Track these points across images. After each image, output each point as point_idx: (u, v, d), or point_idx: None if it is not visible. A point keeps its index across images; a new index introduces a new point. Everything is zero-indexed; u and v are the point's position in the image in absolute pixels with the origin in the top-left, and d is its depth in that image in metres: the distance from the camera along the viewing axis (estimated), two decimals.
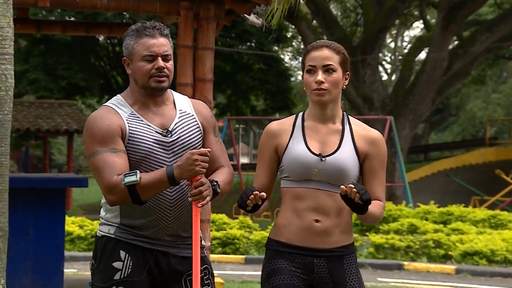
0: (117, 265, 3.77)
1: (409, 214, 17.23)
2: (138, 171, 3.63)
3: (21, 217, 7.33)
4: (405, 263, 14.09)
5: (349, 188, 3.56)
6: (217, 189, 3.71)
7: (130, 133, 3.74)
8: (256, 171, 3.92)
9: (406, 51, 40.72)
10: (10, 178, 4.26)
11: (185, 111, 3.86)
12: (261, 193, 3.65)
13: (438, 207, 17.74)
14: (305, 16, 26.83)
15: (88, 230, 14.61)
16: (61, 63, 28.63)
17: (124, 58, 3.84)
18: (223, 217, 15.83)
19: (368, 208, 3.64)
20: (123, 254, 3.77)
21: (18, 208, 7.08)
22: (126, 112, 3.78)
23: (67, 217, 14.43)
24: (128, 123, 3.75)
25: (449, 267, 13.89)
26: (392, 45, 47.51)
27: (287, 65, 39.49)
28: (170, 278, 3.79)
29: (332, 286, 3.77)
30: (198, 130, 3.85)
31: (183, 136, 3.80)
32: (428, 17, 35.96)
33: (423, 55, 33.31)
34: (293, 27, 30.67)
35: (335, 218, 3.76)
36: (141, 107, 3.80)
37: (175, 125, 3.80)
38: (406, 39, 49.55)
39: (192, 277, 3.76)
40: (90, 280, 3.91)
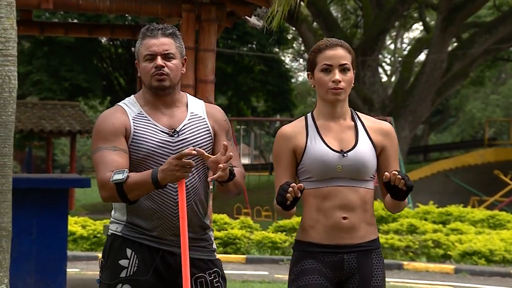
0: (123, 262, 3.76)
1: (408, 214, 17.22)
2: (126, 170, 3.63)
3: (24, 217, 7.34)
4: (405, 262, 14.08)
5: (393, 175, 3.57)
6: (232, 170, 3.66)
7: (134, 132, 3.75)
8: (275, 178, 3.83)
9: (405, 52, 40.75)
10: (13, 178, 4.26)
11: (197, 113, 3.84)
12: (299, 184, 3.57)
13: (437, 207, 17.72)
14: (305, 18, 26.83)
15: (90, 230, 14.61)
16: (64, 65, 28.64)
17: (135, 61, 3.87)
18: (224, 217, 15.83)
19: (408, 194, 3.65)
20: (129, 252, 3.77)
21: (21, 208, 7.09)
22: (134, 111, 3.79)
23: (70, 217, 14.42)
24: (133, 122, 3.76)
25: (448, 267, 13.88)
26: (392, 46, 47.50)
27: (288, 66, 39.50)
28: (178, 278, 3.73)
29: (358, 279, 3.76)
30: (207, 132, 3.83)
31: (190, 137, 3.78)
32: (427, 19, 35.95)
33: (422, 57, 33.30)
34: (294, 29, 30.68)
35: (361, 212, 3.75)
36: (151, 107, 3.81)
37: (184, 126, 3.79)
38: (405, 40, 49.56)
39: (202, 280, 3.78)
40: (92, 279, 3.91)
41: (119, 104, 3.86)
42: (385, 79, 44.17)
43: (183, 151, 3.54)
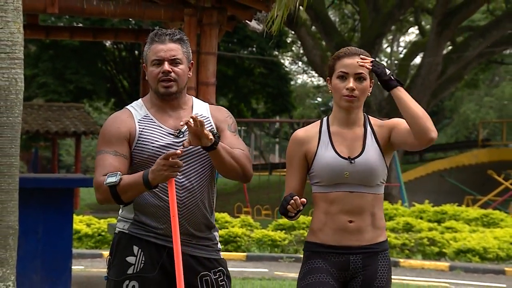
0: (130, 259, 3.76)
1: (404, 213, 17.22)
2: (119, 173, 3.64)
3: (31, 216, 7.34)
4: (401, 260, 14.08)
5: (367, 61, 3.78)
6: (216, 133, 3.63)
7: (139, 134, 3.75)
8: (286, 179, 3.91)
9: (402, 56, 40.68)
10: (20, 178, 4.26)
11: (201, 114, 3.84)
12: (302, 199, 3.63)
13: (432, 206, 17.72)
14: (304, 22, 26.82)
15: (95, 228, 14.61)
16: (69, 68, 28.63)
17: (143, 64, 3.87)
18: (225, 216, 15.83)
19: (393, 83, 3.78)
20: (136, 249, 3.77)
21: (27, 207, 7.09)
22: (140, 114, 3.80)
23: (74, 216, 14.41)
24: (139, 125, 3.77)
25: (443, 264, 13.88)
26: (388, 50, 47.45)
27: (287, 69, 39.47)
28: (185, 275, 3.71)
29: (362, 278, 3.80)
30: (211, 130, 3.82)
31: None
32: (423, 23, 35.92)
33: (418, 60, 33.26)
34: (293, 32, 30.64)
35: (368, 216, 3.79)
36: (157, 110, 3.81)
37: None
38: (402, 44, 49.53)
39: (207, 278, 3.79)
40: (97, 276, 3.91)
41: (126, 107, 3.87)
42: None
43: (169, 152, 3.57)
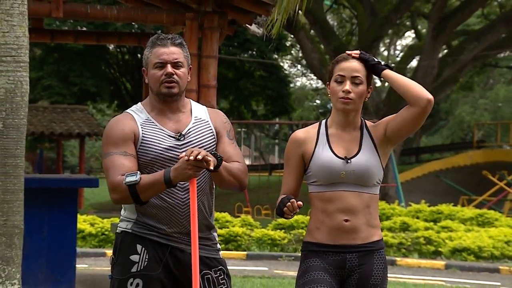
0: (134, 258, 3.77)
1: (401, 212, 17.21)
2: (139, 172, 3.65)
3: (36, 215, 7.33)
4: (398, 259, 14.07)
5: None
6: (219, 156, 3.65)
7: (143, 137, 3.76)
8: (283, 177, 3.94)
9: (398, 59, 40.72)
10: (25, 178, 4.26)
11: (201, 117, 3.87)
12: (298, 202, 3.68)
13: (428, 206, 17.71)
14: (303, 26, 26.83)
15: (98, 227, 14.59)
16: (73, 70, 28.62)
17: (143, 68, 3.88)
18: (226, 216, 15.82)
19: (380, 66, 3.83)
20: (139, 247, 3.77)
21: (33, 207, 7.08)
22: (142, 117, 3.81)
23: (79, 216, 14.38)
24: (142, 128, 3.78)
25: (439, 263, 13.87)
26: (385, 53, 47.45)
27: (287, 72, 39.47)
28: (187, 273, 3.74)
29: (358, 276, 3.81)
30: (211, 134, 3.85)
31: (196, 139, 3.80)
32: (419, 27, 35.93)
33: (414, 63, 33.29)
34: (292, 36, 30.66)
35: (363, 215, 3.81)
36: (157, 113, 3.83)
37: (189, 129, 3.81)
38: (398, 47, 49.51)
39: (209, 276, 3.79)
40: (100, 274, 3.91)
41: (127, 111, 3.88)
42: (379, 84, 44.15)
43: (194, 150, 3.56)
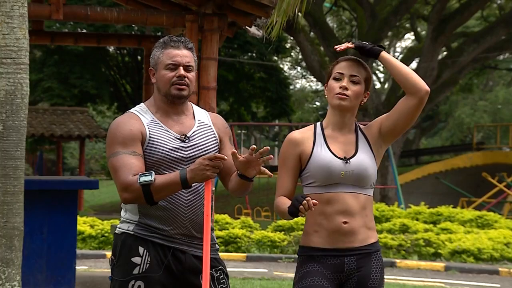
0: (135, 260, 3.77)
1: (401, 214, 17.21)
2: (153, 172, 3.66)
3: (36, 217, 7.34)
4: (397, 261, 14.07)
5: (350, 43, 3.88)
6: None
7: (150, 137, 3.77)
8: (278, 178, 3.91)
9: None
10: (25, 180, 4.26)
11: (203, 121, 3.90)
12: (313, 201, 3.62)
13: (428, 208, 17.71)
14: (303, 28, 26.83)
15: (98, 229, 14.60)
16: (73, 72, 28.62)
17: (150, 68, 3.88)
18: (225, 217, 15.82)
19: (377, 48, 3.88)
20: (141, 249, 3.77)
21: (33, 208, 7.09)
22: (147, 118, 3.82)
23: (78, 217, 14.42)
24: (148, 128, 3.78)
25: (439, 265, 13.87)
26: None
27: (286, 74, 39.49)
28: (188, 274, 3.77)
29: (356, 280, 3.81)
30: (214, 138, 3.89)
31: (200, 142, 3.83)
32: (418, 29, 35.94)
33: (414, 65, 33.28)
34: (292, 38, 30.66)
35: (361, 217, 3.81)
36: (162, 114, 3.84)
37: (193, 132, 3.84)
38: (398, 49, 49.51)
39: (210, 276, 3.78)
40: (100, 275, 3.91)
41: (131, 111, 3.87)
42: (378, 86, 44.17)
43: (216, 154, 3.64)
